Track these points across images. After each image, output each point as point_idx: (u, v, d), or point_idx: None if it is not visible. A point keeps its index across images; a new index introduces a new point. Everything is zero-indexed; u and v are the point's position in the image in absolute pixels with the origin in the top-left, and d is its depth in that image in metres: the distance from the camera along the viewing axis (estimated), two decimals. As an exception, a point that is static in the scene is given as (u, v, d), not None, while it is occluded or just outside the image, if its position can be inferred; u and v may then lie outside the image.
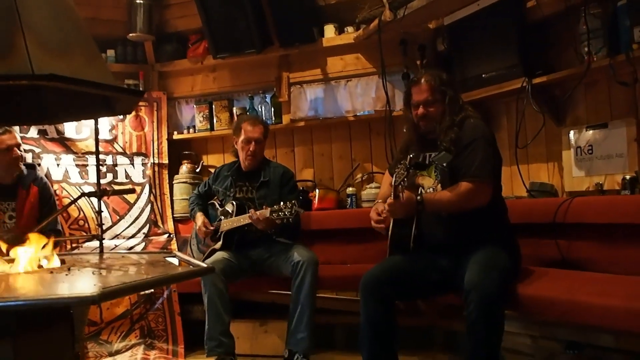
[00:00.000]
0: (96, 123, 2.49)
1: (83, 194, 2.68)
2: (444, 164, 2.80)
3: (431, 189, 2.89)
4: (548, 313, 2.58)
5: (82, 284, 1.70)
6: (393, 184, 2.66)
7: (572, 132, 3.48)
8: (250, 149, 3.82)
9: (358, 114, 4.56)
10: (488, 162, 2.78)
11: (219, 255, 3.68)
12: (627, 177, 3.07)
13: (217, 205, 3.97)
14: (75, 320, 1.99)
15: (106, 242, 4.38)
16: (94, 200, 4.42)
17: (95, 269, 1.96)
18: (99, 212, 2.62)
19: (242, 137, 3.84)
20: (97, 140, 2.48)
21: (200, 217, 3.95)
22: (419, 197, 2.67)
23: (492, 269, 2.58)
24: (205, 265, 1.92)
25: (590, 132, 3.38)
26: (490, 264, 2.61)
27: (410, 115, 3.03)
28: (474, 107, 3.19)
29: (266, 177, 3.84)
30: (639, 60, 2.95)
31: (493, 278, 2.52)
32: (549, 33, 3.59)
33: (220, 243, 3.77)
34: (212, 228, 3.87)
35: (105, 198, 4.48)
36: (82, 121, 4.57)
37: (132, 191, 3.91)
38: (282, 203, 3.40)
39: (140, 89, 4.95)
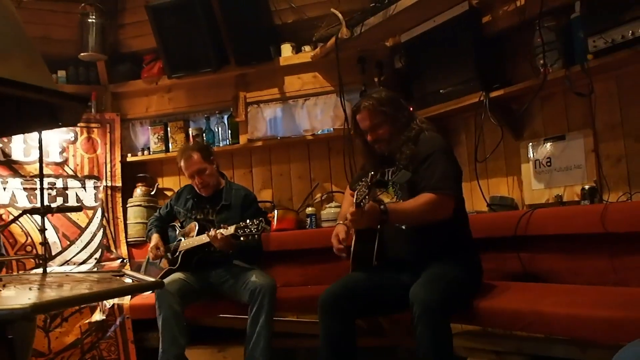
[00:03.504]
0: (40, 135, 2.36)
1: (25, 212, 2.51)
2: (405, 183, 2.74)
3: None
4: (512, 325, 2.52)
5: (15, 299, 1.56)
6: (355, 201, 2.57)
7: (530, 145, 3.49)
8: (197, 182, 3.73)
9: (317, 133, 4.50)
10: (448, 174, 2.70)
11: (175, 275, 3.56)
12: (587, 187, 3.08)
13: (178, 227, 3.87)
14: (16, 349, 1.84)
15: (55, 269, 4.20)
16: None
17: (34, 285, 1.82)
18: (42, 230, 2.46)
19: (186, 174, 3.78)
20: (41, 152, 2.36)
21: (155, 238, 3.83)
22: (382, 207, 2.58)
23: (439, 281, 2.52)
24: (152, 279, 1.80)
25: (548, 144, 3.39)
26: (437, 277, 2.55)
27: (361, 142, 2.98)
28: (432, 123, 3.14)
29: (227, 201, 3.74)
30: (594, 70, 2.97)
31: (437, 290, 2.45)
32: (505, 47, 3.61)
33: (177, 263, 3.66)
34: (162, 251, 3.75)
35: (55, 222, 4.31)
36: (31, 143, 4.46)
37: (79, 209, 3.74)
38: (248, 220, 3.30)
39: (93, 110, 4.84)
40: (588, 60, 2.93)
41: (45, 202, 2.68)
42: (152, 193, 4.82)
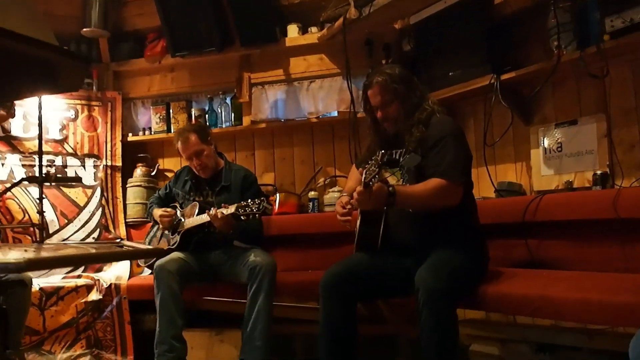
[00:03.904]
0: (40, 100, 2.28)
1: (23, 179, 2.44)
2: (412, 167, 2.64)
3: None
4: (520, 310, 2.46)
5: (10, 256, 1.48)
6: (363, 180, 2.48)
7: (540, 130, 3.40)
8: (195, 164, 3.66)
9: (321, 116, 4.42)
10: (458, 161, 2.60)
11: (175, 254, 3.47)
12: (599, 172, 3.00)
13: (178, 209, 3.79)
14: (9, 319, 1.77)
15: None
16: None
17: (30, 248, 1.74)
18: (40, 199, 2.39)
19: (183, 156, 3.72)
20: (40, 120, 2.28)
21: (159, 210, 3.74)
22: (390, 189, 2.48)
23: (444, 267, 2.44)
24: (153, 246, 1.72)
25: (560, 129, 3.31)
26: (442, 263, 2.48)
27: (371, 119, 2.88)
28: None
29: (227, 182, 3.68)
30: (610, 52, 2.89)
31: (443, 277, 2.37)
32: (517, 29, 3.52)
33: (177, 242, 3.57)
34: (172, 213, 3.67)
35: (53, 200, 4.23)
36: (30, 120, 4.36)
37: (79, 179, 3.66)
38: (250, 200, 3.22)
39: (94, 88, 4.76)
40: (604, 41, 2.85)
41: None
42: (153, 174, 4.74)
